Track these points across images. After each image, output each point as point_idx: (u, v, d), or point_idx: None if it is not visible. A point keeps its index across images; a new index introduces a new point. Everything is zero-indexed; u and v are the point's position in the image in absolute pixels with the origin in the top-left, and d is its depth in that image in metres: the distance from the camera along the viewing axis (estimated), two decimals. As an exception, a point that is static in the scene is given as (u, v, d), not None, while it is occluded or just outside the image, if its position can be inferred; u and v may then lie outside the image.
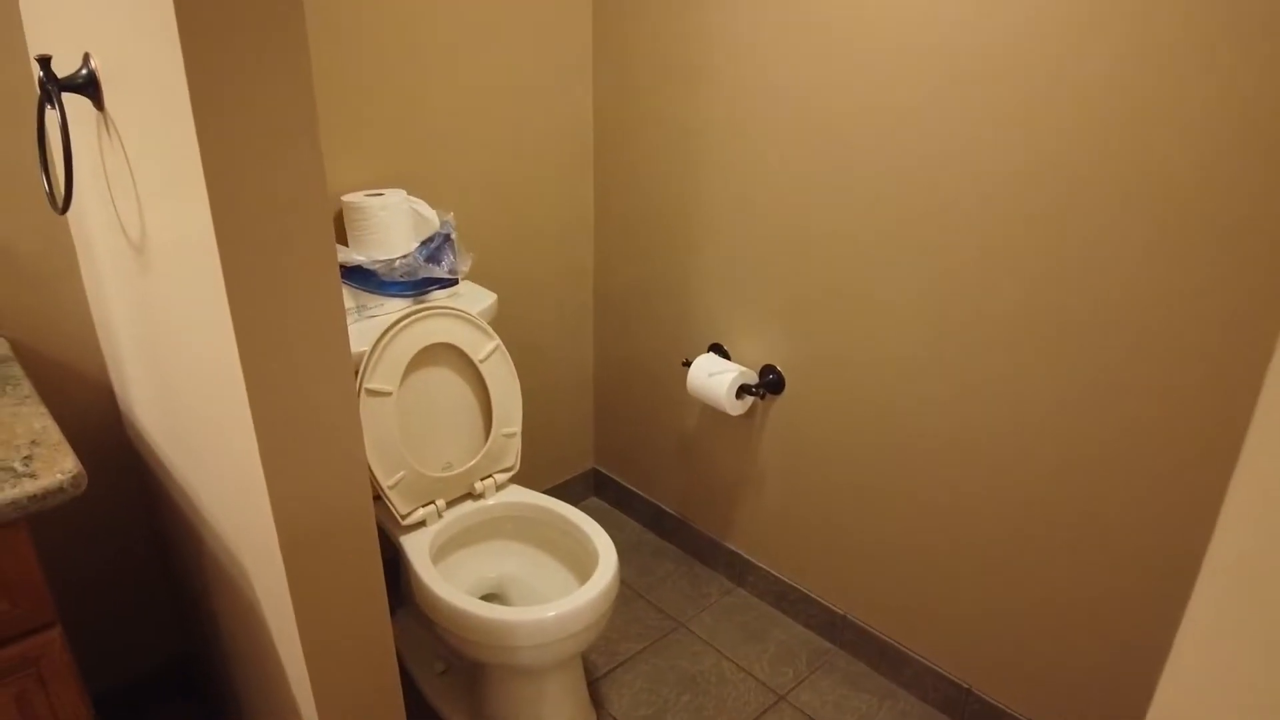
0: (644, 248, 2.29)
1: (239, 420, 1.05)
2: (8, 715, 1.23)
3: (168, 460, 1.51)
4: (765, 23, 1.83)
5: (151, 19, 0.89)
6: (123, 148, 1.14)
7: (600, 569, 1.74)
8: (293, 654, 1.23)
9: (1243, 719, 0.52)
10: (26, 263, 1.56)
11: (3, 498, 1.10)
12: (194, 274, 1.02)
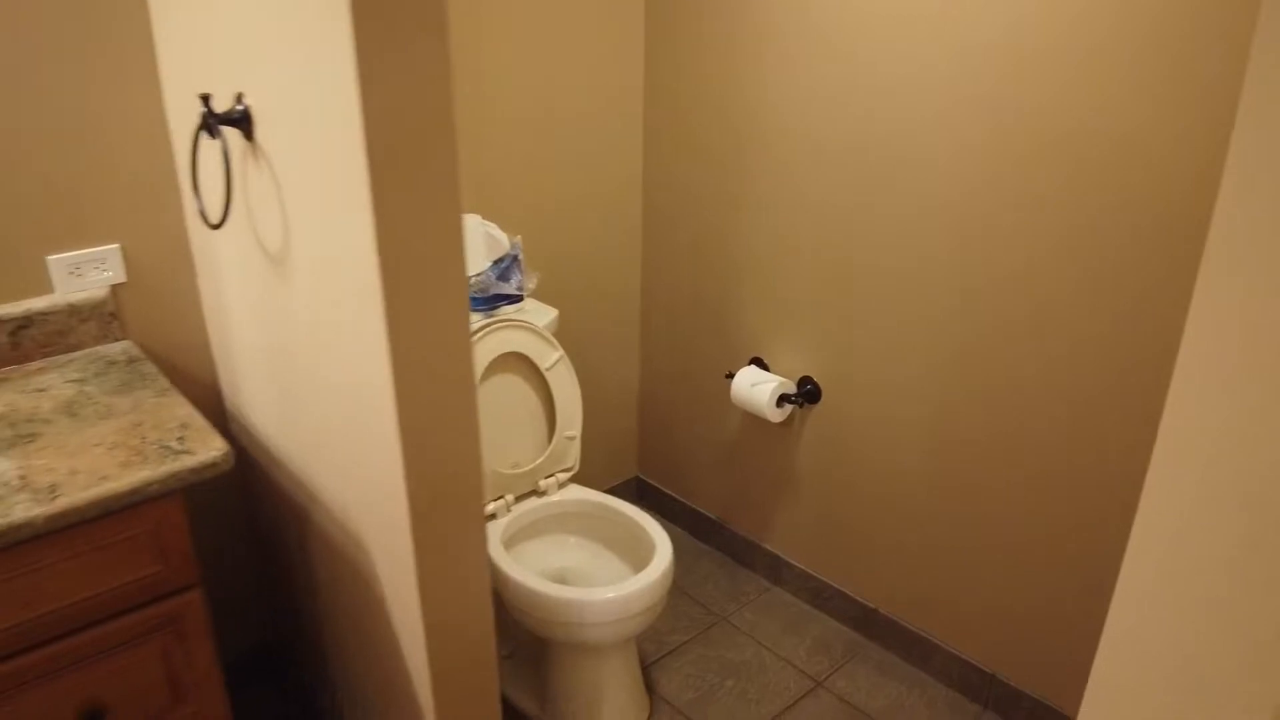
0: (688, 268, 2.47)
1: (382, 409, 1.24)
2: (152, 666, 1.41)
3: (280, 451, 1.69)
4: (807, 56, 2.03)
5: (323, 70, 1.09)
6: (272, 173, 1.34)
7: (657, 557, 1.91)
8: (410, 623, 1.41)
9: (1169, 677, 0.68)
10: (152, 276, 1.76)
11: (165, 470, 1.29)
12: (349, 281, 1.21)
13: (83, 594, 1.29)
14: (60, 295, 1.67)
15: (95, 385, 1.55)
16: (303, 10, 1.11)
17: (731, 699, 2.15)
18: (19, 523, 1.18)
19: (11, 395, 1.52)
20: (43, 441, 1.36)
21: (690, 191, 2.40)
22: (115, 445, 1.35)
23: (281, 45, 1.20)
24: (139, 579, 1.34)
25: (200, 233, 1.73)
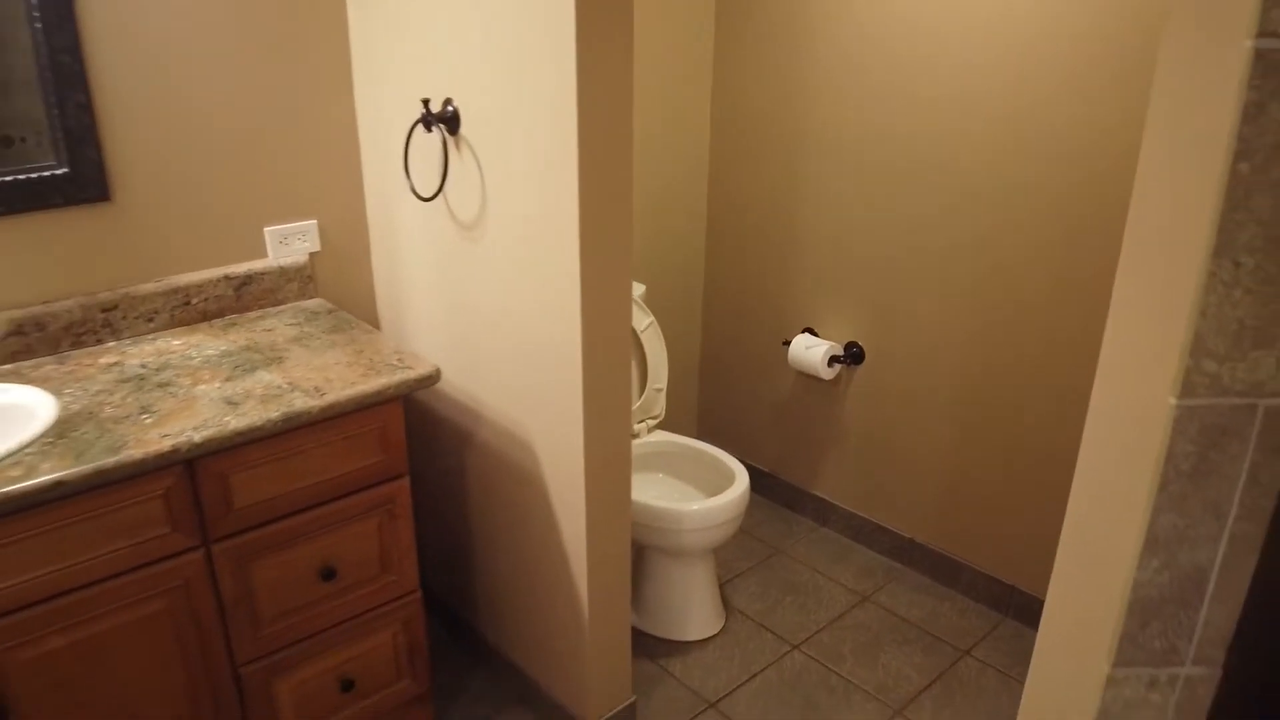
0: (748, 249, 2.90)
1: (570, 348, 1.68)
2: (370, 539, 1.82)
3: (446, 383, 2.11)
4: (859, 58, 2.46)
5: (540, 85, 1.52)
6: (475, 159, 1.77)
7: (737, 481, 2.33)
8: (573, 514, 1.83)
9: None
10: (338, 246, 2.19)
11: (397, 379, 1.72)
12: (549, 247, 1.64)
13: (329, 474, 1.71)
14: (273, 259, 2.10)
15: (311, 327, 1.98)
16: (522, 37, 1.55)
17: (792, 610, 2.57)
18: (299, 411, 1.60)
19: (247, 333, 1.94)
20: (291, 362, 1.79)
21: (751, 181, 2.82)
22: (350, 364, 1.77)
23: (489, 66, 1.64)
24: (368, 465, 1.75)
25: (376, 210, 2.17)
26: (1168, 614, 0.92)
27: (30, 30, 1.69)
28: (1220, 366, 0.80)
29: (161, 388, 1.67)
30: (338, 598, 1.80)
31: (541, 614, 2.06)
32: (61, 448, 1.45)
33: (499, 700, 2.23)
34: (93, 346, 1.87)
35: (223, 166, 1.97)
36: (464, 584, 2.33)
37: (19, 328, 1.78)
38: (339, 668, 1.85)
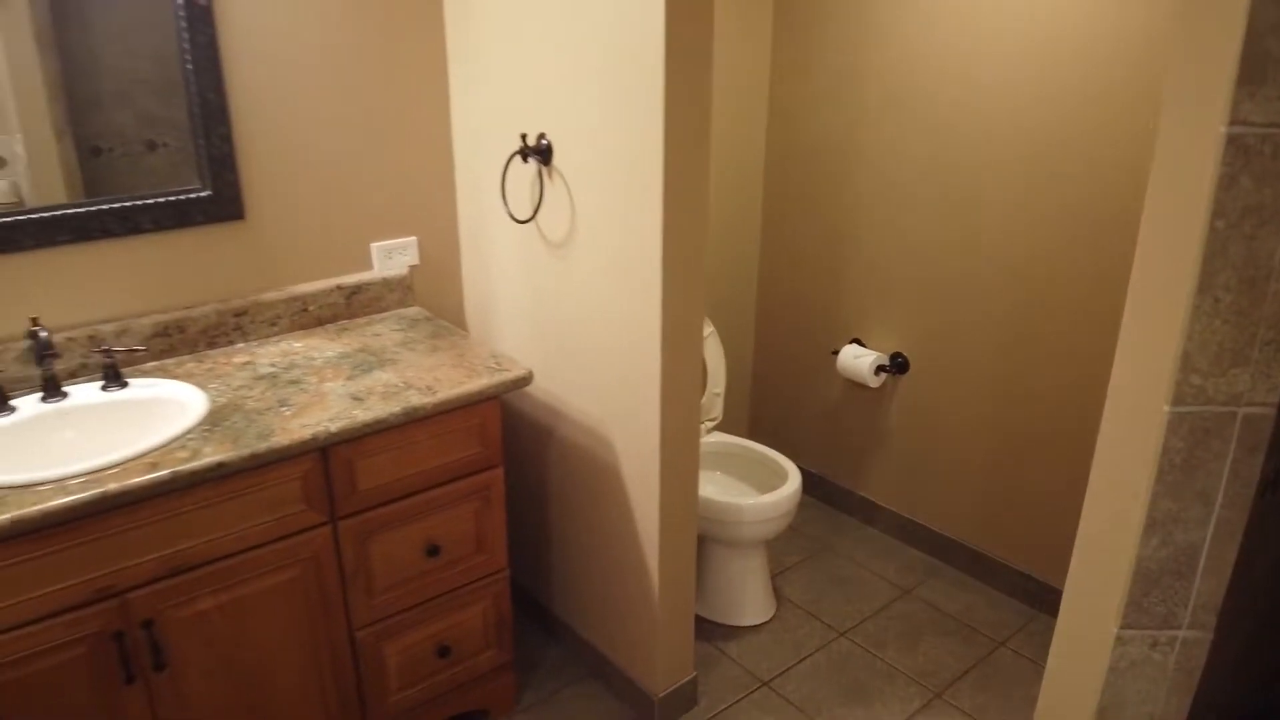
0: (800, 263, 3.10)
1: (649, 355, 1.90)
2: (468, 522, 2.05)
3: (537, 391, 2.34)
4: (910, 86, 2.66)
5: (632, 124, 1.75)
6: (566, 186, 2.00)
7: (790, 478, 2.54)
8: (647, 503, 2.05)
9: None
10: (434, 260, 2.43)
11: (496, 381, 1.95)
12: (633, 266, 1.86)
13: (436, 462, 1.94)
14: (378, 272, 2.34)
15: (414, 333, 2.22)
16: (613, 78, 1.78)
17: (838, 601, 2.76)
18: (415, 407, 1.83)
19: (359, 338, 2.19)
20: (403, 364, 2.03)
21: (803, 201, 3.03)
22: (454, 366, 2.01)
23: (581, 104, 1.87)
24: (468, 456, 1.99)
25: (466, 229, 2.41)
26: (1166, 584, 1.12)
27: (183, 72, 1.95)
28: (1205, 380, 1.00)
29: (293, 384, 1.92)
30: (439, 573, 2.03)
31: (613, 595, 2.28)
32: (218, 434, 1.70)
33: (571, 673, 2.46)
34: (225, 347, 2.13)
35: (337, 190, 2.22)
36: (539, 566, 2.55)
37: (164, 330, 2.04)
38: (437, 636, 2.09)
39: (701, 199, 1.83)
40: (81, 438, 1.79)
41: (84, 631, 1.61)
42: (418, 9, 2.22)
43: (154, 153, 1.99)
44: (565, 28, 1.89)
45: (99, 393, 1.87)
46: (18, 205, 1.86)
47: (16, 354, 1.88)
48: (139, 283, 2.02)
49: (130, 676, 1.67)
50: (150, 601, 1.66)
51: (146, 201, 1.97)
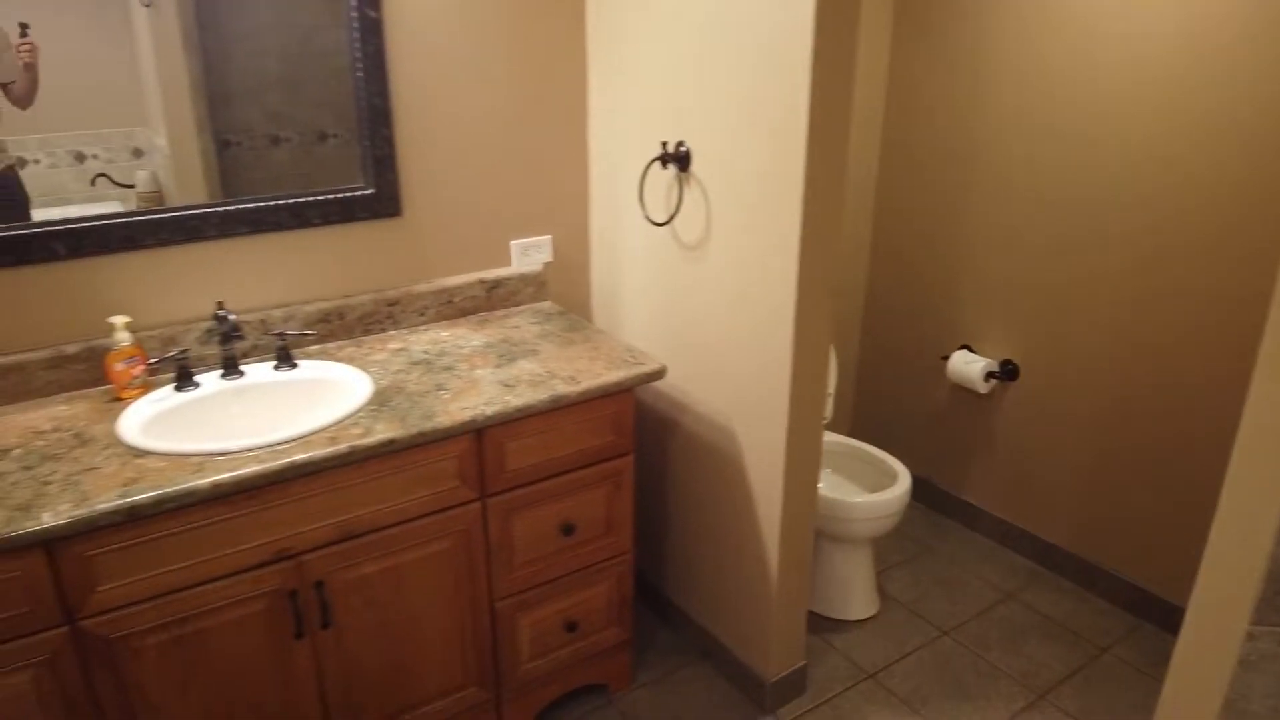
0: (910, 268, 3.16)
1: (781, 352, 1.99)
2: (599, 504, 2.17)
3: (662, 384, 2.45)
4: (1030, 91, 2.70)
5: (776, 139, 1.85)
6: (703, 192, 2.11)
7: (900, 478, 2.61)
8: (770, 492, 2.15)
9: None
10: (565, 258, 2.57)
11: (634, 373, 2.06)
12: (767, 265, 1.96)
13: (574, 448, 2.07)
14: (515, 268, 2.48)
15: (550, 325, 2.35)
16: (754, 90, 1.88)
17: (942, 601, 2.82)
18: (561, 395, 1.96)
19: (499, 329, 2.33)
20: (544, 354, 2.16)
21: (916, 207, 3.09)
22: (592, 358, 2.13)
23: (721, 114, 1.98)
24: (603, 443, 2.11)
25: (597, 229, 2.53)
26: (1303, 584, 1.18)
27: (354, 78, 2.11)
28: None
29: (446, 370, 2.07)
30: (572, 551, 2.16)
31: (729, 582, 2.38)
32: (386, 414, 1.85)
33: (683, 656, 2.57)
34: (379, 334, 2.29)
35: (481, 191, 2.37)
36: (655, 552, 2.67)
37: (326, 316, 2.21)
38: (566, 611, 2.22)
39: (837, 206, 1.92)
40: (259, 413, 1.96)
41: (264, 589, 1.77)
42: (562, 29, 2.36)
43: (277, 147, 2.12)
44: (708, 42, 2.00)
45: (271, 372, 2.04)
46: (156, 194, 2.00)
47: (197, 334, 2.06)
48: (306, 272, 2.19)
49: (300, 632, 1.84)
50: (322, 564, 1.81)
51: (316, 198, 2.13)
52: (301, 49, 2.08)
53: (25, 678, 1.59)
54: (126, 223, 1.94)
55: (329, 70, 2.11)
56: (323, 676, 1.90)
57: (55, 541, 1.53)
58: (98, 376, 1.98)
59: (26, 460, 1.68)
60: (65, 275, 1.93)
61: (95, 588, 1.60)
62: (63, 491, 1.57)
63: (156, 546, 1.63)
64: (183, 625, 1.70)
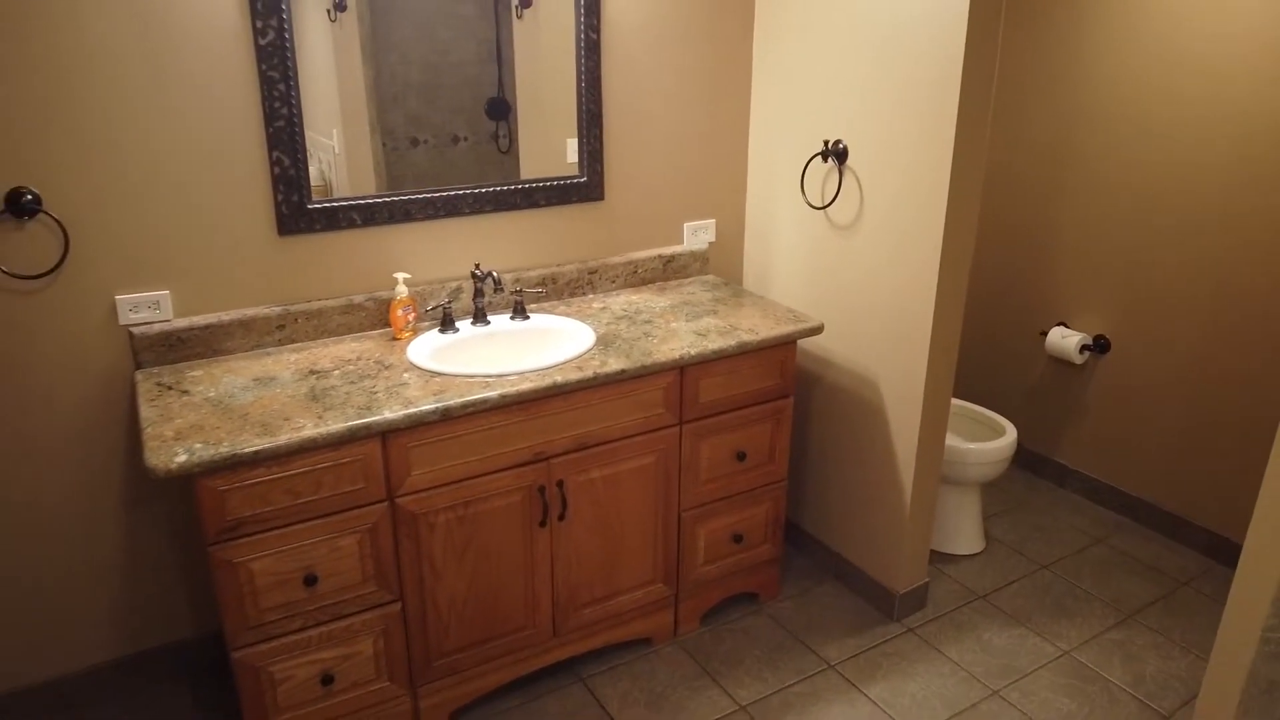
0: (1009, 250, 3.59)
1: (922, 318, 2.45)
2: (765, 435, 2.64)
3: (806, 343, 2.93)
4: (1135, 72, 3.12)
5: (924, 135, 2.32)
6: (857, 181, 2.58)
7: (1008, 431, 3.05)
8: (907, 437, 2.61)
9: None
10: (725, 238, 3.06)
11: (800, 328, 2.54)
12: (913, 241, 2.43)
13: (749, 388, 2.55)
14: (686, 246, 2.98)
15: (719, 293, 2.84)
16: (907, 94, 2.35)
17: (1038, 543, 3.25)
18: (745, 342, 2.44)
19: (678, 294, 2.82)
20: (721, 313, 2.65)
21: (1016, 194, 3.52)
22: (763, 316, 2.61)
23: (876, 115, 2.45)
24: (770, 385, 2.59)
25: (752, 213, 3.02)
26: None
27: (577, 88, 2.63)
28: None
29: (646, 323, 2.56)
30: (742, 474, 2.64)
31: (864, 510, 2.84)
32: (611, 352, 2.35)
33: (818, 576, 3.04)
34: (581, 296, 2.80)
35: (662, 180, 2.87)
36: (794, 490, 3.14)
37: (543, 280, 2.72)
38: (734, 525, 2.70)
39: (975, 193, 2.38)
40: (508, 351, 2.48)
41: (522, 484, 2.28)
42: (732, 47, 2.85)
43: (415, 148, 2.50)
44: (868, 54, 2.47)
45: (510, 321, 2.56)
46: (323, 188, 2.38)
47: (449, 290, 2.59)
48: (531, 243, 2.70)
49: (544, 520, 2.34)
50: (564, 467, 2.32)
51: (545, 184, 2.65)
52: (440, 60, 2.47)
53: (353, 540, 2.11)
54: (405, 199, 2.47)
55: (463, 79, 2.49)
56: (554, 558, 2.40)
57: (389, 433, 2.05)
58: (375, 321, 2.51)
59: (349, 378, 2.21)
60: (358, 240, 2.46)
61: (410, 472, 2.12)
62: (389, 398, 2.09)
63: (453, 444, 2.14)
64: (465, 507, 2.22)
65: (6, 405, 2.16)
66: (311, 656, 2.13)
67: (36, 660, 2.39)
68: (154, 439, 1.89)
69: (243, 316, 2.33)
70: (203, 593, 2.55)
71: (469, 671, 2.39)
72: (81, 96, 2.04)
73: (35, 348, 2.15)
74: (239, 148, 2.24)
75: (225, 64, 2.17)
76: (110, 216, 2.14)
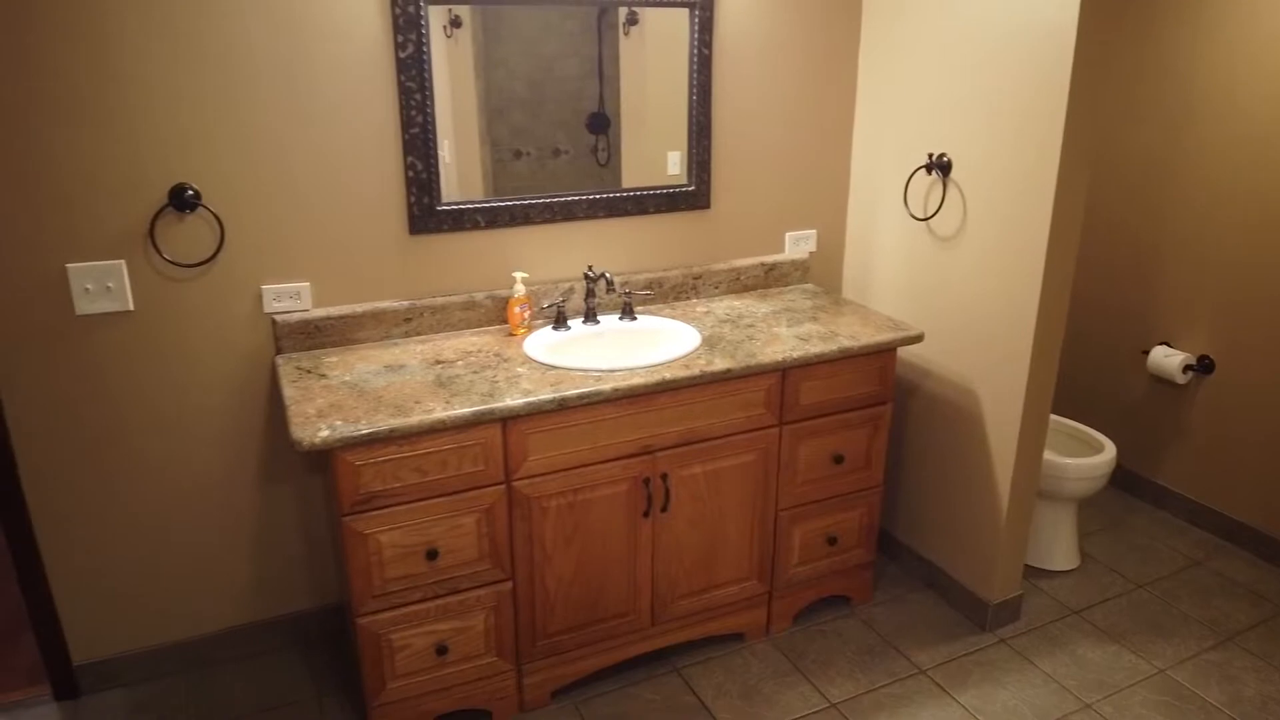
0: (1111, 268, 3.58)
1: (1025, 325, 2.49)
2: (863, 441, 2.70)
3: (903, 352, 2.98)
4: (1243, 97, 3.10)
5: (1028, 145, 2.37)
6: (960, 193, 2.64)
7: (1107, 448, 3.05)
8: (1005, 446, 2.64)
9: None
10: (825, 249, 3.13)
11: (899, 335, 2.59)
12: (1016, 253, 2.47)
13: (848, 392, 2.61)
14: (787, 254, 3.07)
15: (819, 301, 2.92)
16: (1015, 110, 2.40)
17: (1135, 563, 3.23)
18: (845, 347, 2.51)
19: (778, 301, 2.91)
20: (822, 320, 2.72)
21: (1119, 210, 3.51)
22: (863, 324, 2.68)
23: (981, 130, 2.50)
24: (869, 391, 2.65)
25: (852, 224, 3.09)
26: None
27: (688, 102, 2.74)
28: None
29: (749, 327, 2.66)
30: (839, 478, 2.71)
31: (959, 520, 2.87)
32: (718, 353, 2.45)
33: (910, 583, 3.08)
34: (686, 300, 2.91)
35: (766, 190, 2.96)
36: (888, 498, 3.18)
37: (649, 284, 2.84)
38: (828, 527, 2.76)
39: (1079, 205, 2.42)
40: (617, 349, 2.59)
41: (629, 475, 2.38)
42: (837, 64, 2.93)
43: (519, 160, 2.63)
44: (972, 64, 2.53)
45: (618, 322, 2.68)
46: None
47: (561, 291, 2.72)
48: (639, 248, 2.82)
49: (647, 511, 2.44)
50: (668, 461, 2.42)
51: (654, 191, 2.77)
52: (545, 75, 2.59)
53: (471, 519, 2.24)
54: (526, 204, 2.61)
55: (565, 94, 2.60)
56: (655, 549, 2.50)
57: (509, 420, 2.18)
58: (493, 318, 2.66)
59: (471, 368, 2.35)
60: (480, 241, 2.62)
61: (526, 458, 2.24)
62: (509, 387, 2.23)
63: (567, 433, 2.26)
64: (575, 494, 2.33)
65: (168, 382, 2.37)
66: (428, 627, 2.26)
67: (172, 621, 2.58)
68: (298, 416, 2.05)
69: (374, 309, 2.50)
70: (322, 568, 2.72)
71: (571, 653, 2.50)
72: (241, 102, 2.24)
73: (191, 330, 2.35)
74: (378, 152, 2.41)
75: (368, 75, 2.34)
76: (260, 212, 2.33)
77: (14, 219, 2.13)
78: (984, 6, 2.48)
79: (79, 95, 2.10)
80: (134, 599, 2.51)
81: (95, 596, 2.47)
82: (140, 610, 2.53)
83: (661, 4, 2.61)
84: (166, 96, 2.17)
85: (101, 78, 2.11)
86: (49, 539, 2.38)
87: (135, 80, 2.13)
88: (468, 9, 2.42)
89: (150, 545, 2.49)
